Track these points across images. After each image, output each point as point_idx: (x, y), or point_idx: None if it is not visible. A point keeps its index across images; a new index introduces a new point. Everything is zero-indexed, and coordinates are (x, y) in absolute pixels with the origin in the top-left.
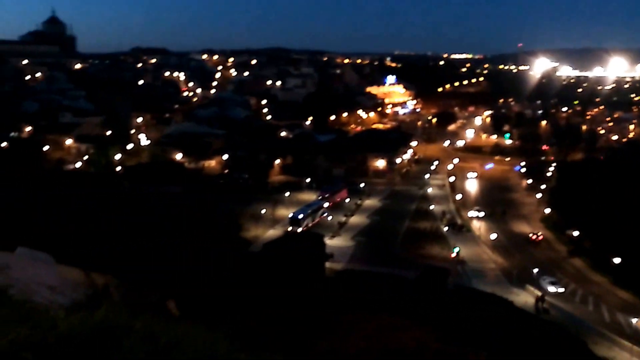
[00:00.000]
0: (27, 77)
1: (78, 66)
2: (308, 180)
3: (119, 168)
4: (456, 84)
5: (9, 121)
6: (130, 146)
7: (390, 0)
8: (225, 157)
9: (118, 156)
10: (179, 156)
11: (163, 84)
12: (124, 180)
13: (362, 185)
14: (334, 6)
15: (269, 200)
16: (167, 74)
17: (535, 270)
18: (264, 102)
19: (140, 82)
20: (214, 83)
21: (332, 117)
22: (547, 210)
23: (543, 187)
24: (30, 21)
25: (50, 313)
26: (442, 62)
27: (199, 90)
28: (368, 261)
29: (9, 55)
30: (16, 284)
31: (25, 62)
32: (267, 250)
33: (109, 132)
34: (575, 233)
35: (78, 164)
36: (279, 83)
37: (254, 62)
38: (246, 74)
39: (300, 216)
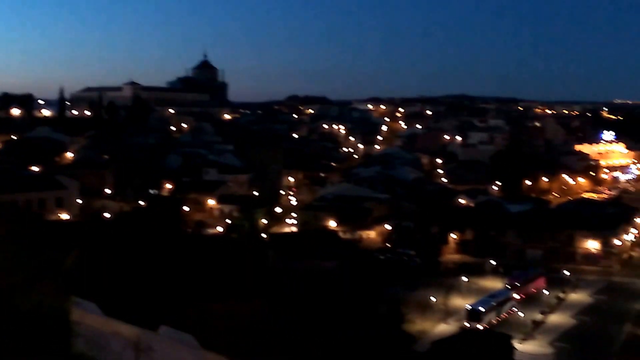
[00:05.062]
0: (173, 128)
1: (227, 116)
2: (493, 262)
3: (264, 235)
4: None
5: (152, 177)
6: (278, 209)
7: (604, 36)
8: (388, 227)
9: (264, 220)
10: (332, 223)
11: (320, 138)
12: (269, 249)
13: (566, 272)
14: (532, 44)
15: (441, 285)
16: (325, 126)
17: None
18: (439, 161)
19: (295, 135)
20: (379, 137)
21: (528, 182)
22: None
23: None
24: (180, 66)
25: None
26: None
27: (360, 146)
28: None
29: (156, 104)
30: None
31: (171, 110)
32: (437, 350)
33: (256, 192)
34: None
35: (219, 228)
36: (459, 138)
37: (429, 112)
38: (419, 126)
39: (482, 309)
